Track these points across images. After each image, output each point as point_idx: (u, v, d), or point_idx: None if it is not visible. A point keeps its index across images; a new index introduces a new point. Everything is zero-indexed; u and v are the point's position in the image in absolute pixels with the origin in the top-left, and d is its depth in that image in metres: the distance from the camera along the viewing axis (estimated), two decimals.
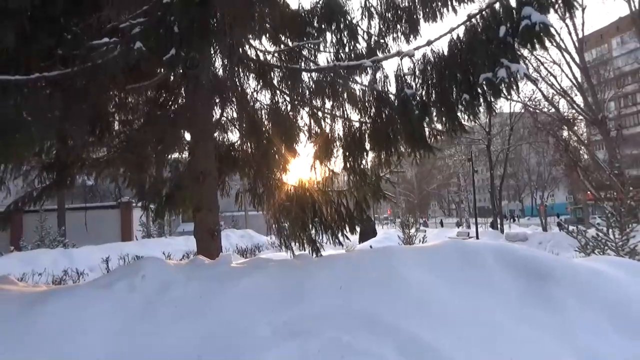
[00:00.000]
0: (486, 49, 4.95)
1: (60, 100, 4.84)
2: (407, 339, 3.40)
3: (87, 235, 15.94)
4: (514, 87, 4.94)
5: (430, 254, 4.74)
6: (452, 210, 79.28)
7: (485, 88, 4.95)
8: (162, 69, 5.76)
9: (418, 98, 5.27)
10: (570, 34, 26.47)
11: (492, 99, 5.14)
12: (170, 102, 7.19)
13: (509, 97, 5.15)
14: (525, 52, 22.61)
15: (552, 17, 30.12)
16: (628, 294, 4.01)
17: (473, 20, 5.20)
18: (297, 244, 6.91)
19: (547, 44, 4.91)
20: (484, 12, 5.16)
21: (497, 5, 5.06)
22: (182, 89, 6.95)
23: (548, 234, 26.81)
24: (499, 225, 35.30)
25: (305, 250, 6.80)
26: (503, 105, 57.57)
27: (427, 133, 5.62)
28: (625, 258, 7.18)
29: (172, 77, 6.61)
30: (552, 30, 4.84)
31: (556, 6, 5.00)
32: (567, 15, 23.72)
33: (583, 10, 26.74)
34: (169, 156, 7.41)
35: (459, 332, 3.53)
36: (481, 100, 5.11)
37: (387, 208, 63.77)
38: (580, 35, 26.74)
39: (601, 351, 3.44)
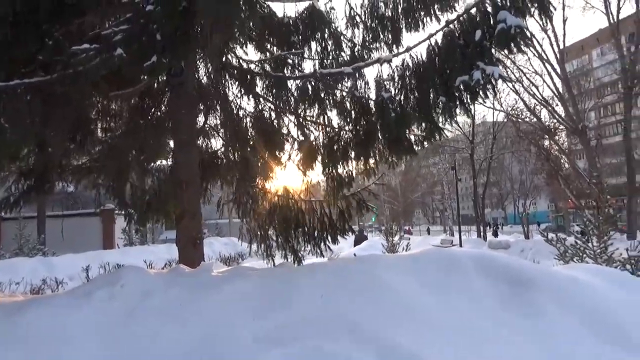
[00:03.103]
0: (463, 53, 5.06)
1: (40, 106, 4.78)
2: (389, 346, 3.41)
3: (67, 243, 15.68)
4: (490, 89, 5.04)
5: (413, 262, 4.77)
6: (436, 218, 79.84)
7: (461, 90, 5.04)
8: (145, 76, 5.74)
9: (396, 102, 5.34)
10: (551, 44, 27.03)
11: (469, 102, 5.24)
12: (153, 110, 7.15)
13: (485, 99, 5.24)
14: (509, 63, 22.99)
15: (535, 29, 30.72)
16: (604, 301, 4.09)
17: (451, 25, 5.31)
18: (280, 253, 6.89)
19: (527, 50, 5.06)
20: (461, 18, 5.27)
21: (474, 10, 5.17)
22: (166, 97, 6.92)
23: (530, 241, 27.11)
24: (482, 233, 35.67)
25: (287, 260, 6.77)
26: (486, 114, 58.40)
27: (405, 137, 5.68)
28: (602, 266, 7.31)
29: (155, 85, 6.58)
30: (528, 33, 4.97)
31: (532, 10, 5.13)
32: (544, 19, 24.17)
33: (564, 21, 27.47)
34: (152, 163, 7.35)
35: (441, 339, 3.56)
36: (457, 102, 5.20)
37: (372, 216, 63.99)
38: (562, 46, 27.36)
39: (579, 357, 3.49)
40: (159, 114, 7.15)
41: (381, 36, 6.38)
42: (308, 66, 6.78)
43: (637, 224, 24.75)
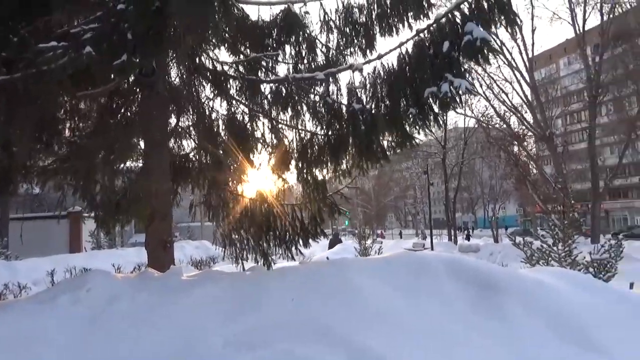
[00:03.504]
0: (432, 63, 5.14)
1: (4, 105, 4.63)
2: (360, 350, 3.43)
3: (32, 246, 15.16)
4: (458, 101, 5.13)
5: (384, 266, 4.81)
6: (408, 222, 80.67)
7: (430, 102, 5.12)
8: (115, 76, 5.62)
9: (367, 111, 5.38)
10: (521, 53, 27.76)
11: (440, 112, 5.32)
12: (123, 110, 7.00)
13: (455, 110, 5.37)
14: (480, 70, 23.48)
15: (505, 37, 31.41)
16: (568, 304, 4.21)
17: (421, 34, 5.38)
18: (250, 257, 6.82)
19: (497, 59, 5.18)
20: (431, 27, 5.35)
21: (443, 20, 5.26)
22: (137, 97, 6.79)
23: (499, 245, 27.71)
24: (453, 237, 36.28)
25: (258, 264, 6.71)
26: (458, 120, 59.48)
27: (376, 145, 5.72)
28: (567, 269, 7.52)
29: (125, 85, 6.45)
30: (495, 45, 5.09)
31: (498, 23, 5.25)
32: (511, 31, 24.88)
33: (533, 31, 28.28)
34: (121, 164, 7.19)
35: (412, 341, 3.60)
36: (428, 113, 5.27)
37: (346, 220, 64.22)
38: (530, 55, 28.11)
39: (545, 358, 3.58)
40: (129, 114, 7.01)
41: (355, 41, 6.43)
42: (282, 70, 6.78)
43: (601, 228, 25.59)
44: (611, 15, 25.54)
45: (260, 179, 6.68)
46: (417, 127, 5.44)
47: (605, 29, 25.34)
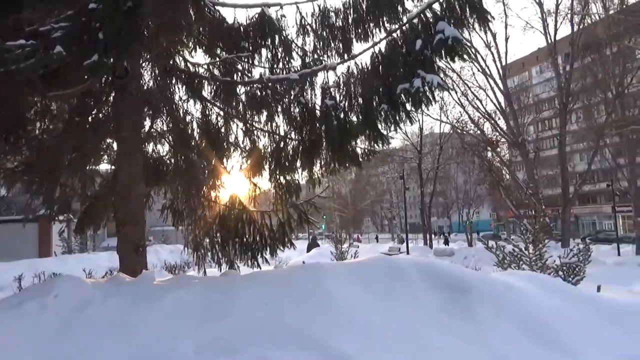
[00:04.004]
0: (405, 61, 5.20)
1: None
2: (334, 354, 3.43)
3: None
4: (430, 97, 5.20)
5: (359, 270, 4.83)
6: (384, 226, 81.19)
7: (403, 98, 5.18)
8: (87, 76, 5.50)
9: (340, 109, 5.41)
10: (494, 61, 28.39)
11: (412, 109, 5.38)
12: (95, 111, 6.85)
13: (427, 106, 5.40)
14: (455, 77, 23.88)
15: (479, 45, 32.14)
16: (537, 306, 4.31)
17: (395, 34, 5.44)
18: (214, 263, 6.72)
19: (465, 58, 5.24)
20: (404, 27, 5.42)
21: (416, 20, 5.33)
22: (110, 98, 6.66)
23: (473, 249, 28.14)
24: (429, 241, 36.66)
25: (221, 270, 6.59)
26: (434, 126, 60.30)
27: (346, 143, 5.74)
28: (537, 272, 7.68)
29: (98, 85, 6.31)
30: (466, 43, 5.17)
31: (471, 20, 5.35)
32: (488, 36, 25.44)
33: (506, 40, 29.04)
34: (90, 166, 7.03)
35: (385, 345, 3.61)
36: (400, 110, 5.33)
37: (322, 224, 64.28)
38: (504, 63, 28.76)
39: (515, 358, 3.65)
40: (101, 116, 6.87)
41: (332, 44, 6.45)
42: (258, 73, 6.73)
43: (570, 232, 26.22)
44: (581, 26, 26.35)
45: (232, 184, 6.60)
46: (390, 124, 5.47)
47: (575, 39, 26.11)
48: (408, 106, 5.34)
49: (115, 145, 6.78)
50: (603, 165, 31.71)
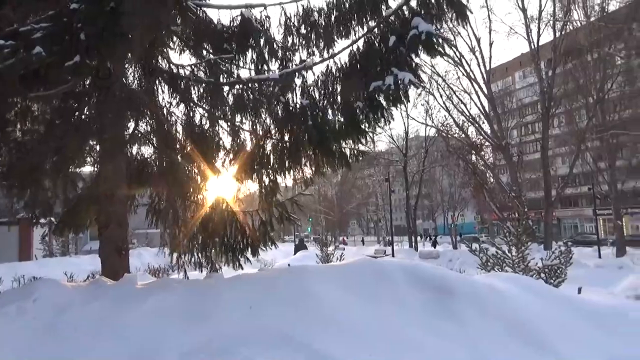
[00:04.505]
0: (380, 58, 5.21)
1: None
2: (320, 356, 3.42)
3: None
4: (403, 95, 5.23)
5: (344, 272, 4.84)
6: (370, 229, 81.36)
7: (377, 95, 5.20)
8: (69, 77, 5.41)
9: (318, 108, 5.42)
10: (479, 65, 28.72)
11: (387, 106, 5.40)
12: (77, 113, 6.74)
13: (400, 104, 5.40)
14: (440, 81, 24.12)
15: (464, 50, 32.55)
16: (520, 307, 4.36)
17: (373, 31, 5.46)
18: (194, 265, 6.65)
19: (441, 52, 5.25)
20: (381, 24, 5.43)
21: (393, 17, 5.34)
22: (93, 99, 6.57)
23: (457, 251, 28.38)
24: (414, 243, 36.87)
25: (203, 272, 6.53)
26: (419, 129, 60.64)
27: (330, 144, 5.74)
28: (519, 274, 7.76)
29: (80, 86, 6.22)
30: (440, 38, 5.18)
31: (449, 15, 5.38)
32: (460, 24, 25.61)
33: (490, 45, 29.35)
34: (73, 169, 6.91)
35: (371, 346, 3.62)
36: (377, 108, 5.35)
37: (308, 226, 64.17)
38: (488, 68, 29.08)
39: (498, 358, 3.68)
40: (83, 117, 6.76)
41: (316, 43, 6.44)
42: (244, 74, 6.70)
43: (553, 235, 26.56)
44: (563, 32, 26.78)
45: (216, 184, 6.54)
46: (368, 122, 5.48)
47: (557, 45, 26.53)
48: (384, 104, 5.35)
49: (98, 147, 6.69)
50: (584, 168, 32.15)
